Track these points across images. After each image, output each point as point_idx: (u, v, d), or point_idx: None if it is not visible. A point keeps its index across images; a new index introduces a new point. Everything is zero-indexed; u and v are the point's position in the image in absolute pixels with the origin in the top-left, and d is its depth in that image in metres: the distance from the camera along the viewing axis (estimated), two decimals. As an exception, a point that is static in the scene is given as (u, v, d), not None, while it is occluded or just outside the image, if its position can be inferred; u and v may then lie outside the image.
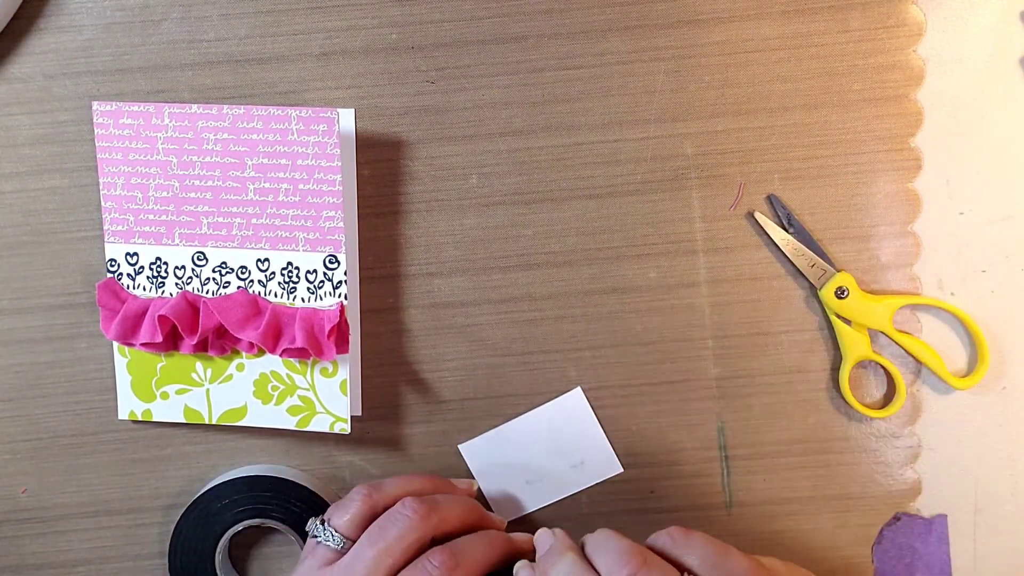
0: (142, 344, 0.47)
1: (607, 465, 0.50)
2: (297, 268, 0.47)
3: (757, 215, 0.48)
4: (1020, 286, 0.49)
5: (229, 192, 0.47)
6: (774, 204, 0.48)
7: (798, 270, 0.48)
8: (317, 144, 0.46)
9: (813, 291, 0.49)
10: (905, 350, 0.49)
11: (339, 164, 0.46)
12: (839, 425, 0.50)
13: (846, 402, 0.49)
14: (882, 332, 0.48)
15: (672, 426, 0.50)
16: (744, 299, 0.49)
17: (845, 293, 0.48)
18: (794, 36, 0.48)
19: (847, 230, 0.49)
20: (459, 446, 0.50)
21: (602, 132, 0.49)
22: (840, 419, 0.50)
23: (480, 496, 0.50)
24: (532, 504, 0.51)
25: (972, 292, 0.49)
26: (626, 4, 0.48)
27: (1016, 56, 0.48)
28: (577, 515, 0.51)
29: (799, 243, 0.48)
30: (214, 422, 0.49)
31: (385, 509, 0.44)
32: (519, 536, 0.46)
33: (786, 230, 0.48)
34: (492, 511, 0.50)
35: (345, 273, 0.47)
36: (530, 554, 0.44)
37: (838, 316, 0.48)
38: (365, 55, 0.48)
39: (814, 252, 0.48)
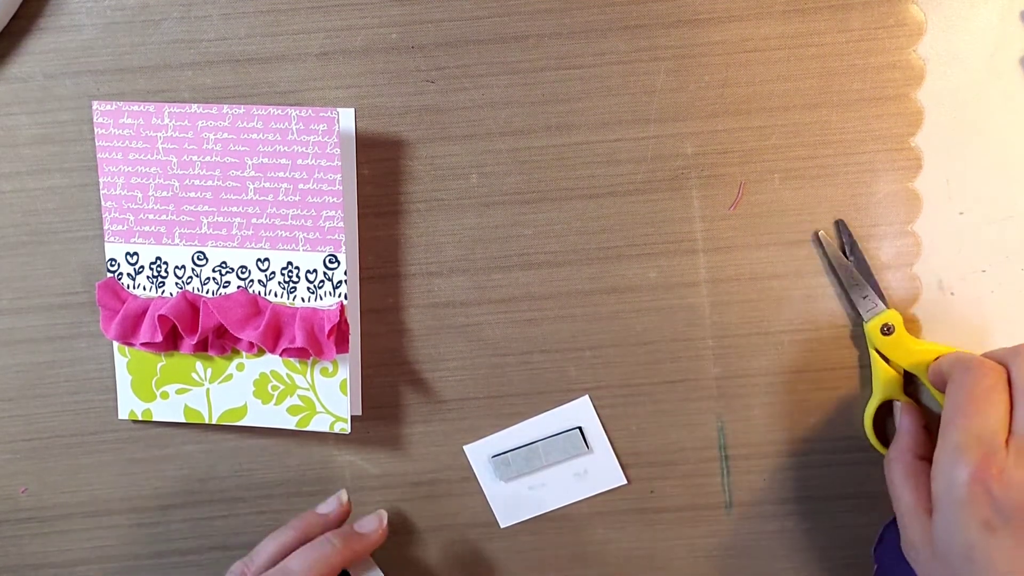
0: (142, 344, 0.47)
1: (611, 476, 0.50)
2: (297, 268, 0.47)
3: (821, 234, 0.48)
4: (1020, 286, 0.49)
5: (229, 192, 0.47)
6: (841, 230, 0.48)
7: (849, 298, 0.48)
8: (317, 144, 0.46)
9: (858, 322, 0.49)
10: (938, 400, 0.47)
11: (339, 164, 0.46)
12: (839, 425, 0.50)
13: (867, 438, 0.49)
14: (918, 377, 0.48)
15: (672, 426, 0.50)
16: (744, 299, 0.49)
17: (891, 330, 0.47)
18: (794, 36, 0.48)
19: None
20: (464, 447, 0.50)
21: (602, 132, 0.49)
22: (840, 419, 0.50)
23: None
24: (533, 510, 0.51)
25: (972, 292, 0.49)
26: (626, 4, 0.48)
27: (1016, 56, 0.48)
28: (576, 514, 0.51)
29: (857, 272, 0.48)
30: (214, 422, 0.49)
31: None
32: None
33: (847, 257, 0.48)
34: (493, 514, 0.50)
35: (345, 273, 0.47)
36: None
37: (878, 351, 0.48)
38: (365, 55, 0.48)
39: (869, 284, 0.48)
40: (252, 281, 0.47)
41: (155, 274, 0.48)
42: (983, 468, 0.39)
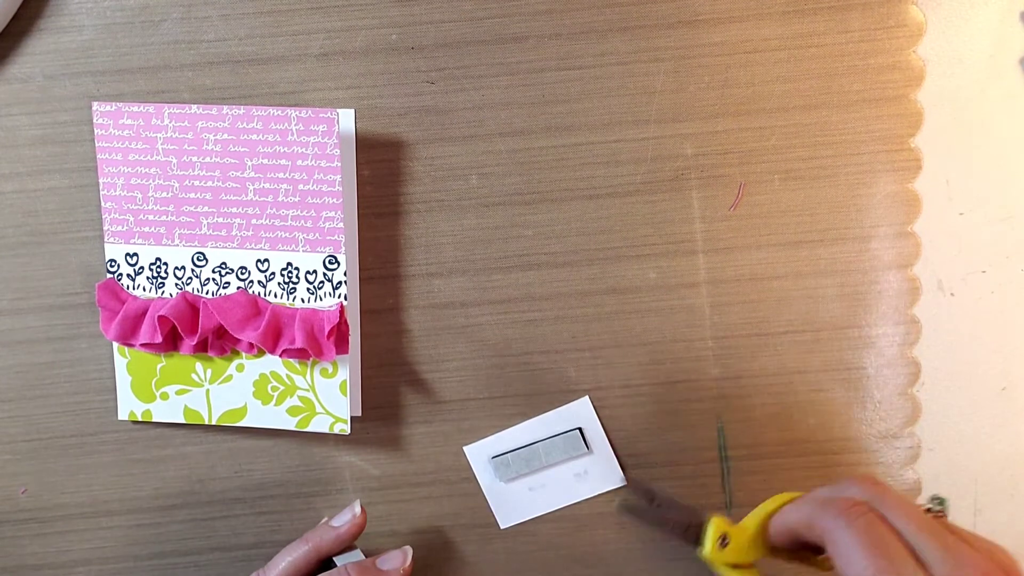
0: (142, 344, 0.47)
1: (610, 476, 0.50)
2: (297, 268, 0.47)
3: (619, 505, 0.47)
4: (1020, 286, 0.49)
5: (229, 192, 0.47)
6: (635, 487, 0.48)
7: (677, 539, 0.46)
8: (317, 144, 0.46)
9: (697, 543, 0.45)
10: (794, 560, 0.43)
11: (339, 164, 0.46)
12: (839, 426, 0.50)
13: None
14: (766, 556, 0.44)
15: (672, 426, 0.50)
16: (744, 299, 0.49)
17: (726, 539, 0.44)
18: (794, 36, 0.48)
19: (847, 230, 0.49)
20: (464, 448, 0.50)
21: (602, 132, 0.49)
22: (840, 419, 0.50)
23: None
24: (533, 511, 0.51)
25: (972, 292, 0.49)
26: (626, 4, 0.48)
27: (1016, 56, 0.48)
28: (576, 515, 0.51)
29: (668, 514, 0.46)
30: (214, 422, 0.49)
31: None
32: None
33: (651, 505, 0.46)
34: (493, 515, 0.50)
35: (345, 273, 0.47)
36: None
37: (728, 566, 0.44)
38: (365, 55, 0.48)
39: (684, 515, 0.45)
40: (252, 282, 0.47)
41: (155, 275, 0.48)
42: None
